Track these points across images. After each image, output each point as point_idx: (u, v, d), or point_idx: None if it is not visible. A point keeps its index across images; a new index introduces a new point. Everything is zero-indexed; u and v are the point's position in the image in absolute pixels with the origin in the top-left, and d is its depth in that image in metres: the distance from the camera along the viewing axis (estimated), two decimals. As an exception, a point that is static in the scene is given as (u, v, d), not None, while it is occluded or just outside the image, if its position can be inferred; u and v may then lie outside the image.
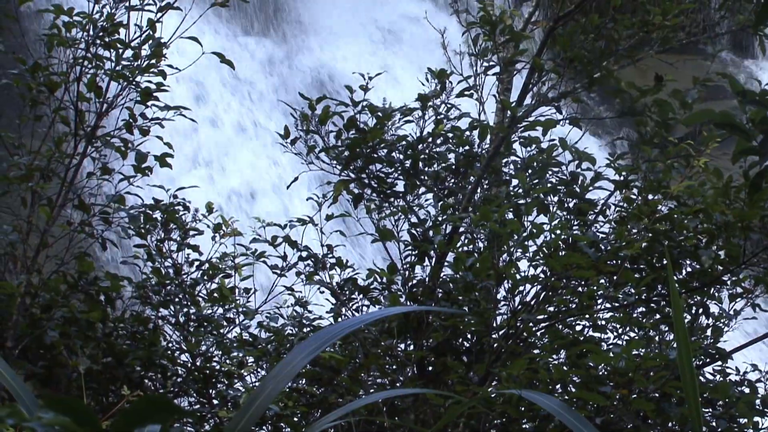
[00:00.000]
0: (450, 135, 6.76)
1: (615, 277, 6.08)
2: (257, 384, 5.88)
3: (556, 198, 6.50)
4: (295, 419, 5.92)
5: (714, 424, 5.98)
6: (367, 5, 16.45)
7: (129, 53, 6.10)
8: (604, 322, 6.28)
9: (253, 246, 6.59)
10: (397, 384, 6.10)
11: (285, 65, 14.76)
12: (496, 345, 6.03)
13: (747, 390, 6.33)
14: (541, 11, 8.55)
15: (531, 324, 6.05)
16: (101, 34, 6.06)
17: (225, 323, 6.50)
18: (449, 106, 6.80)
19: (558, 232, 6.00)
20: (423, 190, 6.73)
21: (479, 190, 6.70)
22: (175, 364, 6.39)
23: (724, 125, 3.38)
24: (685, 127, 10.60)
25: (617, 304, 6.22)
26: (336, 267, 6.57)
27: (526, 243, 5.98)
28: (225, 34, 14.79)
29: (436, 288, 6.27)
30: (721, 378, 6.39)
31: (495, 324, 6.05)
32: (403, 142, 6.68)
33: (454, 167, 6.76)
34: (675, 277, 6.24)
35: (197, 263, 6.58)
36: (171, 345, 6.47)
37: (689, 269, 6.38)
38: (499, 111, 7.27)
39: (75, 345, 6.04)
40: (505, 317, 6.09)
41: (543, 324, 6.15)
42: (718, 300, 6.46)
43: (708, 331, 6.41)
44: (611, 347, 6.00)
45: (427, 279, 6.37)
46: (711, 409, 6.06)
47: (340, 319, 6.46)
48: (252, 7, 15.11)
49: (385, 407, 5.93)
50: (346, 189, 6.66)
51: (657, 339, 6.25)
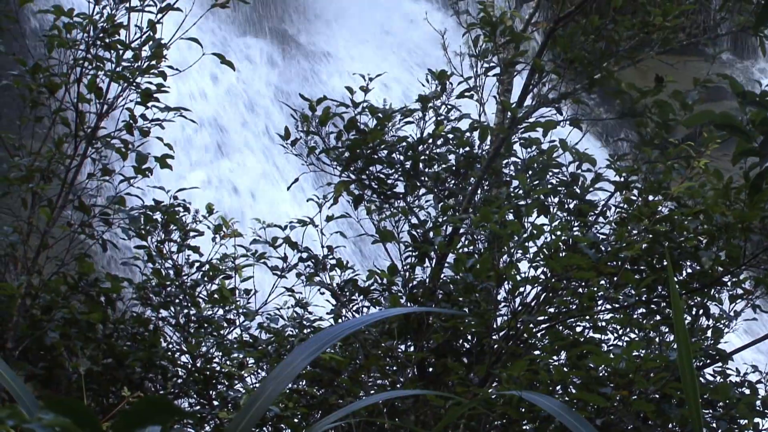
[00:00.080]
0: (450, 136, 6.76)
1: (615, 278, 6.07)
2: (257, 385, 5.88)
3: (556, 199, 6.50)
4: (296, 420, 5.91)
5: (714, 425, 5.98)
6: (369, 6, 16.44)
7: (129, 54, 6.10)
8: (604, 323, 6.28)
9: (254, 247, 6.59)
10: (398, 385, 6.10)
11: (286, 65, 14.75)
12: (496, 346, 6.03)
13: (747, 391, 6.33)
14: (542, 12, 8.55)
15: (531, 325, 6.04)
16: (101, 35, 6.06)
17: (225, 324, 6.50)
18: (449, 107, 6.80)
19: (558, 233, 6.00)
20: (423, 191, 6.72)
21: (479, 191, 6.70)
22: (176, 365, 6.39)
23: (724, 126, 3.38)
24: (686, 129, 10.60)
25: (617, 305, 6.22)
26: (336, 268, 6.56)
27: (526, 244, 5.97)
28: (224, 34, 14.79)
29: (436, 289, 6.27)
30: (722, 379, 6.39)
31: (495, 325, 6.04)
32: (404, 143, 6.68)
33: (454, 168, 6.76)
34: (675, 278, 6.23)
35: (197, 264, 6.57)
36: (171, 346, 6.47)
37: (689, 270, 6.38)
38: (500, 112, 7.27)
39: (75, 346, 6.03)
40: (506, 318, 6.09)
41: (543, 325, 6.15)
42: (718, 301, 6.46)
43: (708, 333, 6.41)
44: (611, 348, 6.00)
45: (428, 280, 6.37)
46: (711, 411, 6.06)
47: (340, 321, 6.46)
48: (253, 8, 15.10)
49: (386, 408, 5.92)
50: (346, 190, 6.65)
51: (657, 340, 6.25)
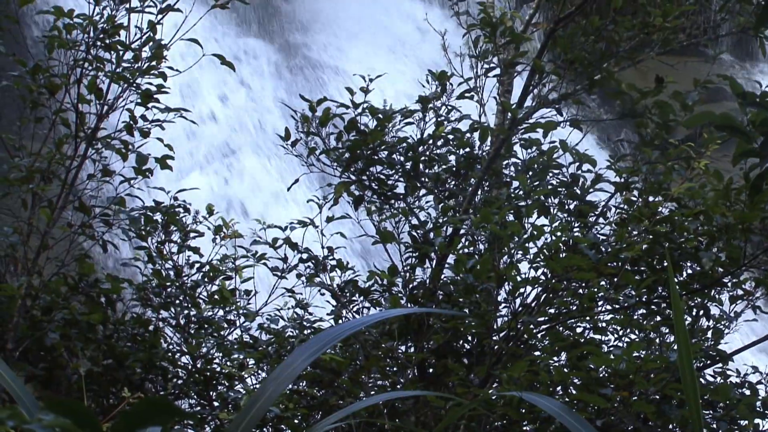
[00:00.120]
0: (450, 137, 6.76)
1: (615, 279, 6.07)
2: (258, 386, 5.88)
3: (556, 200, 6.50)
4: (296, 421, 5.91)
5: (715, 426, 5.98)
6: (369, 6, 16.44)
7: (129, 55, 6.10)
8: (604, 324, 6.28)
9: (254, 248, 6.59)
10: (398, 386, 6.10)
11: (284, 66, 14.75)
12: (496, 347, 6.03)
13: (748, 392, 6.33)
14: (542, 13, 8.55)
15: (532, 326, 6.04)
16: (102, 36, 6.06)
17: (225, 325, 6.50)
18: (450, 108, 6.80)
19: (558, 234, 6.00)
20: (423, 192, 6.72)
21: (480, 192, 6.70)
22: (176, 366, 6.38)
23: (724, 127, 3.38)
24: (686, 129, 10.60)
25: (618, 306, 6.21)
26: (336, 269, 6.56)
27: (526, 245, 5.97)
28: (223, 34, 14.79)
29: (436, 290, 6.27)
30: (722, 380, 6.39)
31: (496, 326, 6.04)
32: (404, 144, 6.68)
33: (454, 169, 6.75)
34: (675, 279, 6.23)
35: (198, 265, 6.57)
36: (171, 347, 6.47)
37: (690, 271, 6.38)
38: (500, 113, 7.27)
39: (75, 347, 6.03)
40: (506, 319, 6.08)
41: (544, 326, 6.15)
42: (718, 302, 6.46)
43: (708, 333, 6.41)
44: (612, 349, 6.00)
45: (428, 281, 6.36)
46: (712, 411, 6.05)
47: (340, 321, 6.46)
48: (252, 8, 15.11)
49: (386, 409, 5.92)
50: (346, 191, 6.65)
51: (658, 341, 6.25)
